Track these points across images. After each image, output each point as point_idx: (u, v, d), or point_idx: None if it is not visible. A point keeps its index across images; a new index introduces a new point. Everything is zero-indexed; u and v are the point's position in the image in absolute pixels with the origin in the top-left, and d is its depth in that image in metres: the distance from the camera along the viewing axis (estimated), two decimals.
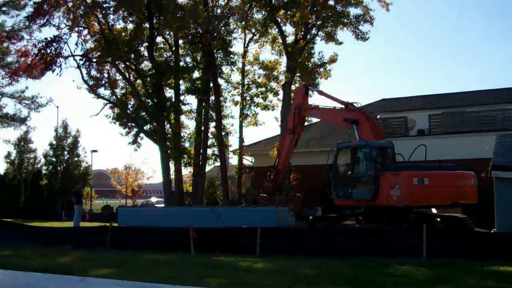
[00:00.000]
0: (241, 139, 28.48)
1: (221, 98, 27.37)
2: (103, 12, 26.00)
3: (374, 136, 15.92)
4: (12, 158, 39.14)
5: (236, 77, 34.77)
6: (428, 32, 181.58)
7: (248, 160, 31.36)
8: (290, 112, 19.78)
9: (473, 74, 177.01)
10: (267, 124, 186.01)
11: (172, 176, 27.45)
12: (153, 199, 46.57)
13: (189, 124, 29.42)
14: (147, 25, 26.59)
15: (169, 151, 26.76)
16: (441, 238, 12.51)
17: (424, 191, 13.95)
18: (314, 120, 28.66)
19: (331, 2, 24.47)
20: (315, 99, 23.53)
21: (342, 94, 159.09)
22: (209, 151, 27.54)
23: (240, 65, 28.16)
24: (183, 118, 28.50)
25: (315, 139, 29.36)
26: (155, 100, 26.62)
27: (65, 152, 36.68)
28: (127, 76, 27.88)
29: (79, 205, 21.85)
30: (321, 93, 19.27)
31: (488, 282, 9.32)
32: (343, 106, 17.35)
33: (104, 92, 28.44)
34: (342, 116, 17.03)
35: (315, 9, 24.64)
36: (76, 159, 37.00)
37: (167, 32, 27.13)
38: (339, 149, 16.59)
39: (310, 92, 20.60)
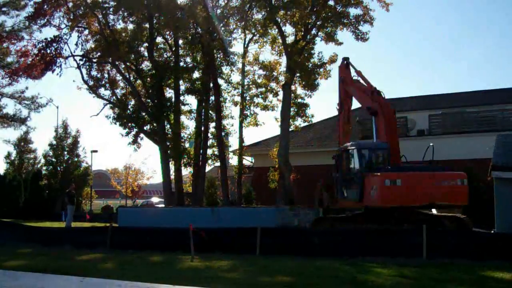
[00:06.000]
0: (241, 140, 28.42)
1: (221, 99, 27.34)
2: (103, 12, 26.00)
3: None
4: (12, 158, 39.18)
5: (236, 77, 34.77)
6: (428, 32, 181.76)
7: (248, 161, 31.35)
8: None
9: (474, 74, 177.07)
10: (267, 125, 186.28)
11: (172, 176, 27.43)
12: (154, 199, 46.54)
13: (189, 124, 29.37)
14: (147, 25, 26.56)
15: (169, 151, 26.74)
16: (441, 238, 12.50)
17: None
18: (315, 120, 28.67)
19: (331, 2, 24.39)
20: None
21: None
22: (209, 151, 27.47)
23: (240, 65, 28.13)
24: (183, 118, 28.47)
25: (315, 139, 29.40)
26: (155, 100, 26.59)
27: (65, 152, 36.73)
28: (127, 76, 27.87)
29: (72, 206, 22.40)
30: None
31: (487, 282, 9.32)
32: None
33: (104, 92, 28.48)
34: None
35: (315, 9, 24.55)
36: (76, 159, 37.07)
37: (167, 32, 27.10)
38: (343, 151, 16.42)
39: None
